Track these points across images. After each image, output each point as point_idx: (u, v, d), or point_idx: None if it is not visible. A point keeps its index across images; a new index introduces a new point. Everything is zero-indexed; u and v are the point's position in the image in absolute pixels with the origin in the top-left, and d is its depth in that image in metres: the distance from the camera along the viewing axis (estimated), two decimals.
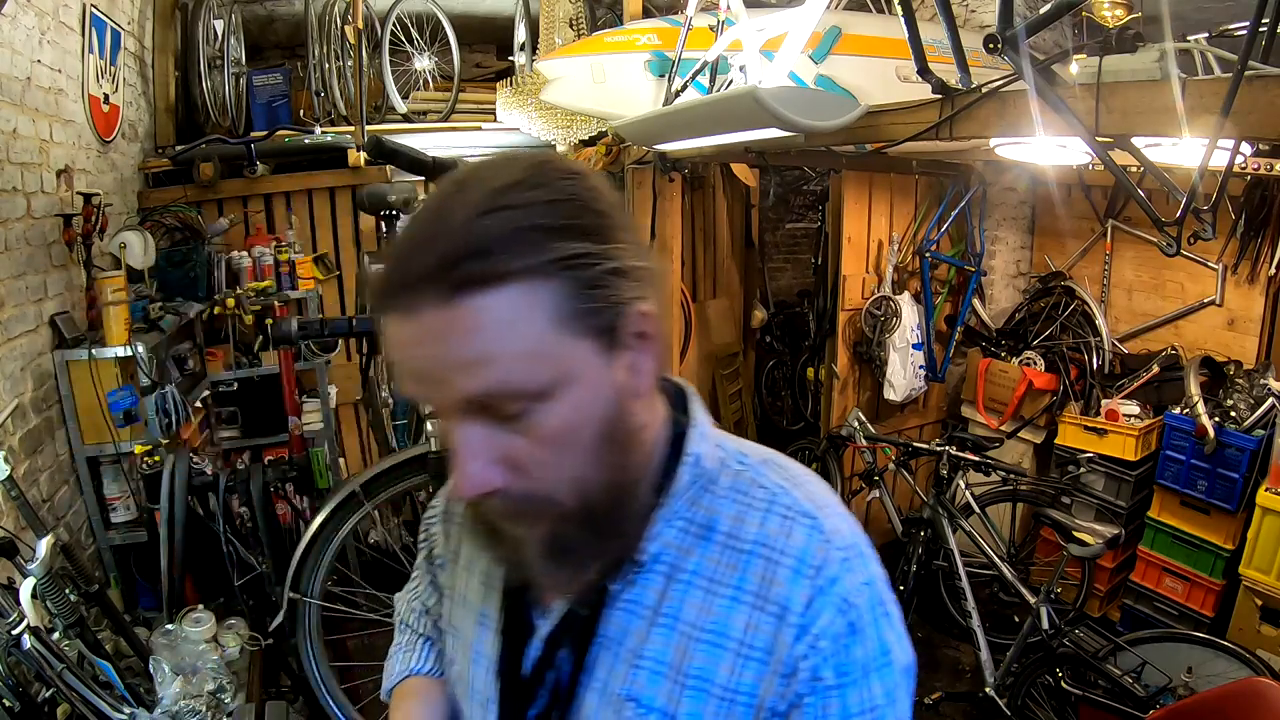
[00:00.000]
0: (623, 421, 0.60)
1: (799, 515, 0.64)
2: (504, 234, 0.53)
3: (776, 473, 0.68)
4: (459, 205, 0.54)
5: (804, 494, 0.66)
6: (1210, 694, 1.71)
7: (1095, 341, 3.78)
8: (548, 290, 0.53)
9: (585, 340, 0.56)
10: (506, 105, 3.53)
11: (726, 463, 0.68)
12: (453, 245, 0.52)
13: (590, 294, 0.55)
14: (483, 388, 0.54)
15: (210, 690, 1.83)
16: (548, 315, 0.54)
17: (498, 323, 0.53)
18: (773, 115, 1.93)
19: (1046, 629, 2.55)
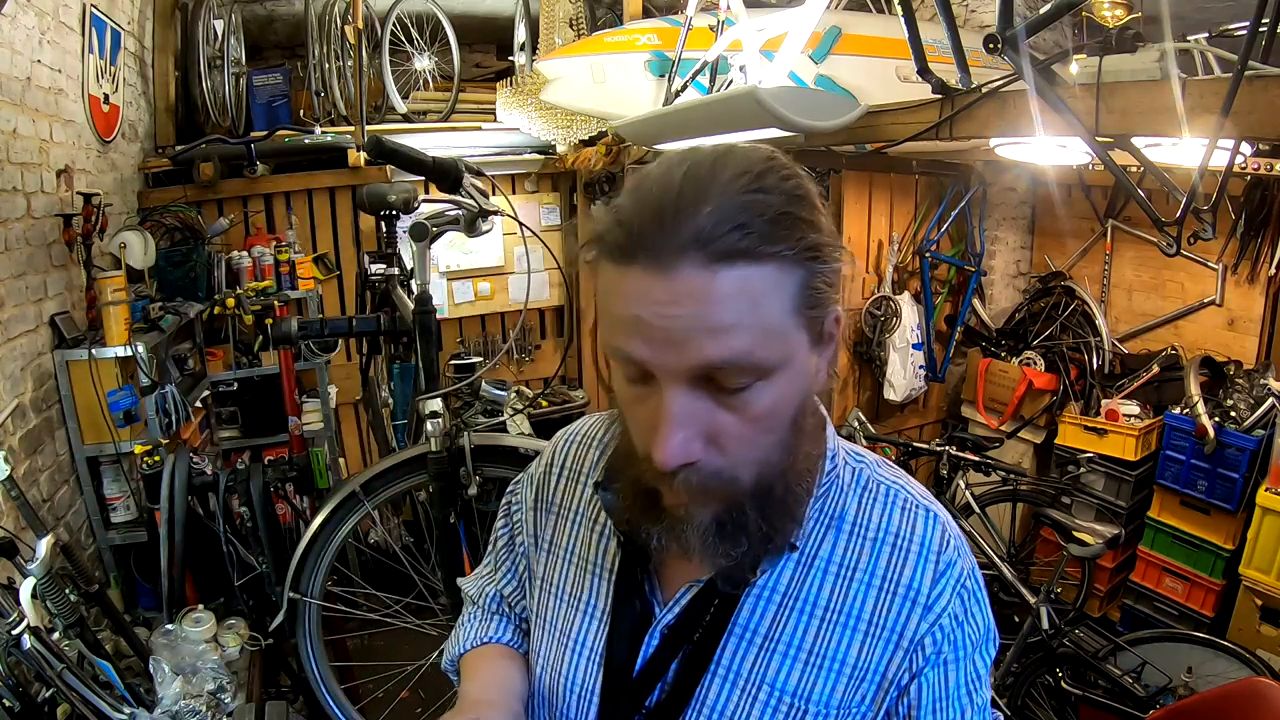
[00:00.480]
0: (809, 410, 0.66)
1: (918, 508, 0.70)
2: (769, 215, 0.55)
3: (888, 471, 0.74)
4: (721, 180, 0.56)
5: (917, 490, 0.73)
6: (1210, 694, 1.71)
7: (1095, 341, 3.78)
8: (794, 276, 0.57)
9: (805, 329, 0.59)
10: (506, 105, 3.53)
11: (849, 460, 0.73)
12: (723, 216, 0.54)
13: (819, 287, 0.59)
14: (726, 355, 0.55)
15: (210, 690, 1.83)
16: (791, 298, 0.57)
17: (753, 295, 0.55)
18: (773, 115, 1.93)
19: (1046, 629, 2.55)
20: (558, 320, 4.51)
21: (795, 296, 0.57)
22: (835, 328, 0.63)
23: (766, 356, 0.57)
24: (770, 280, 0.56)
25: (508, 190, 4.15)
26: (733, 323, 0.55)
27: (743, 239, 0.54)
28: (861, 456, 0.74)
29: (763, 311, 0.56)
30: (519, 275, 4.22)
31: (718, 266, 0.54)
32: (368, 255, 2.68)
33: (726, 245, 0.54)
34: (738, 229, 0.54)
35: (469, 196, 1.89)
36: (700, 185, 0.56)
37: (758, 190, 0.56)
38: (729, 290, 0.54)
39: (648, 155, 3.34)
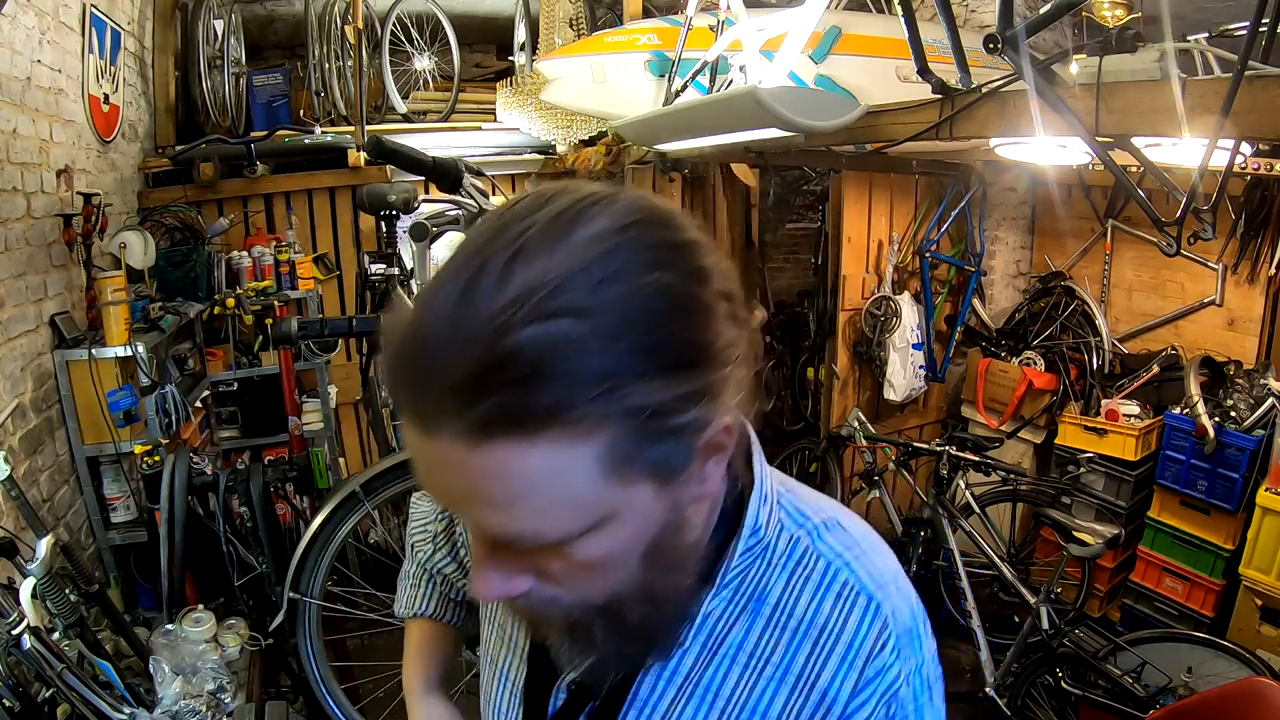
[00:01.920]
0: (676, 537, 0.52)
1: (857, 594, 0.58)
2: (551, 362, 0.40)
3: (838, 538, 0.61)
4: (495, 295, 0.41)
5: (865, 568, 0.59)
6: (1210, 694, 1.71)
7: (1095, 341, 3.78)
8: (599, 439, 0.42)
9: (642, 482, 0.46)
10: (506, 105, 3.53)
11: (785, 525, 0.60)
12: (483, 364, 0.40)
13: (657, 436, 0.44)
14: (507, 534, 0.46)
15: (210, 690, 1.83)
16: (596, 465, 0.43)
17: (531, 474, 0.43)
18: (773, 115, 1.93)
19: (1046, 629, 2.55)
20: None
21: (608, 459, 0.43)
22: (725, 437, 0.50)
23: (565, 530, 0.46)
24: (559, 452, 0.42)
25: (508, 190, 4.12)
26: (506, 501, 0.44)
27: (511, 400, 0.40)
28: (805, 518, 0.61)
29: (553, 488, 0.43)
30: None
31: (478, 439, 0.41)
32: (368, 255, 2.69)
33: (489, 411, 0.40)
34: (506, 386, 0.40)
35: (469, 196, 1.90)
36: (471, 301, 0.41)
37: (551, 315, 0.40)
38: (495, 469, 0.42)
39: (647, 155, 3.34)
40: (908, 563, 3.14)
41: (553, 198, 0.46)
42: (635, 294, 0.42)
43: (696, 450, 0.48)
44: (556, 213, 0.44)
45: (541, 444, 0.41)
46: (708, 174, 4.71)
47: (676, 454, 0.47)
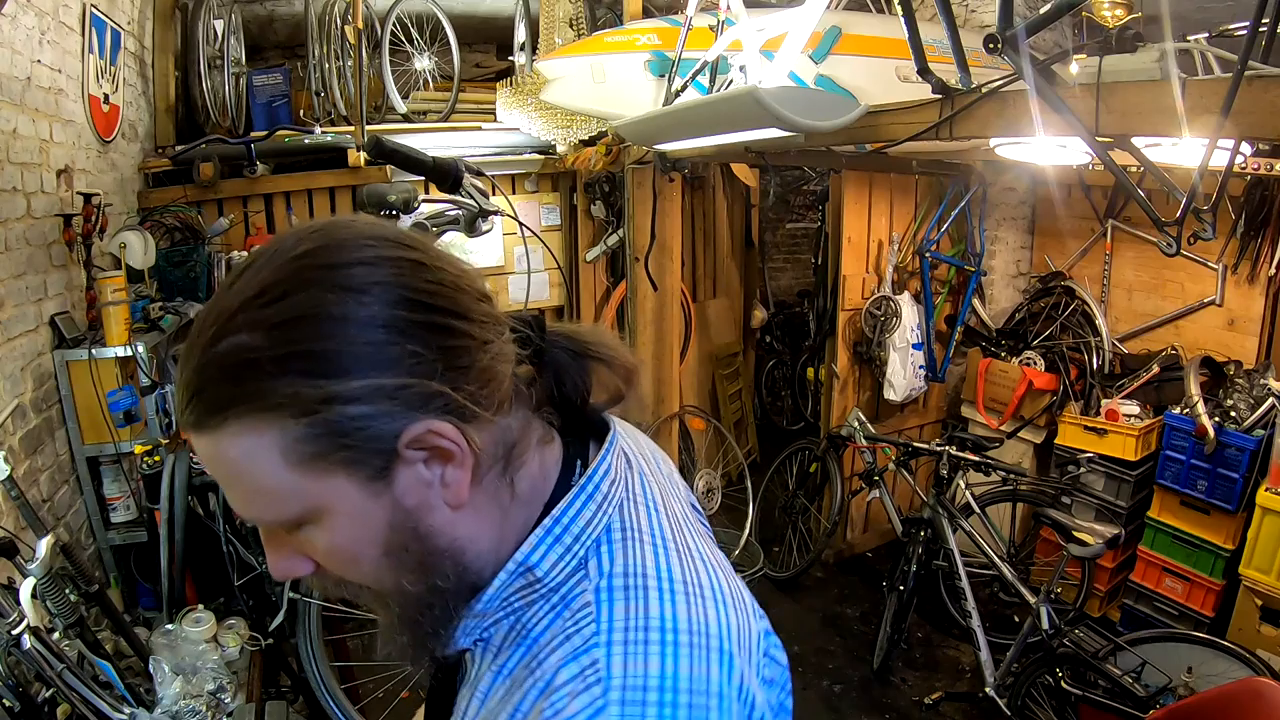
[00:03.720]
0: (416, 541, 0.56)
1: (596, 683, 0.52)
2: (223, 370, 0.50)
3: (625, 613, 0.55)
4: (209, 321, 0.52)
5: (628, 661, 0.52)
6: (1210, 694, 1.71)
7: (1095, 341, 3.78)
8: (272, 431, 0.50)
9: (336, 475, 0.52)
10: (506, 105, 3.53)
11: (588, 574, 0.58)
12: (190, 375, 0.52)
13: (325, 434, 0.51)
14: (241, 512, 0.55)
15: (210, 690, 1.83)
16: (278, 455, 0.51)
17: (231, 459, 0.52)
18: (773, 115, 1.93)
19: (1046, 629, 2.55)
20: (557, 320, 4.51)
21: (289, 449, 0.51)
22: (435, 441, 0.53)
23: (276, 514, 0.54)
24: (241, 442, 0.51)
25: (508, 190, 4.15)
26: (228, 483, 0.54)
27: (202, 401, 0.51)
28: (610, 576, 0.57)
29: (250, 473, 0.52)
30: (519, 275, 4.22)
31: (195, 433, 0.52)
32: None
33: (194, 410, 0.52)
34: (199, 391, 0.51)
35: (469, 196, 1.90)
36: (195, 332, 0.52)
37: (228, 334, 0.50)
38: (210, 454, 0.53)
39: (647, 155, 3.34)
40: (908, 563, 3.14)
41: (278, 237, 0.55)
42: (296, 308, 0.50)
43: (397, 451, 0.53)
44: (260, 250, 0.54)
45: (228, 434, 0.51)
46: (708, 174, 4.72)
47: (365, 451, 0.52)
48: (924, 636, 3.57)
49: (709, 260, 4.94)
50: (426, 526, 0.56)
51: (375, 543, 0.56)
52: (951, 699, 3.10)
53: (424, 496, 0.55)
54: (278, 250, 0.53)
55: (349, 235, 0.54)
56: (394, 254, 0.54)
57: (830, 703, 3.17)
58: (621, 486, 0.64)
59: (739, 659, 0.56)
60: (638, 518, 0.62)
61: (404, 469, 0.54)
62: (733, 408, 5.05)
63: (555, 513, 0.60)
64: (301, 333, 0.50)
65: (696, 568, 0.61)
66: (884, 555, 4.25)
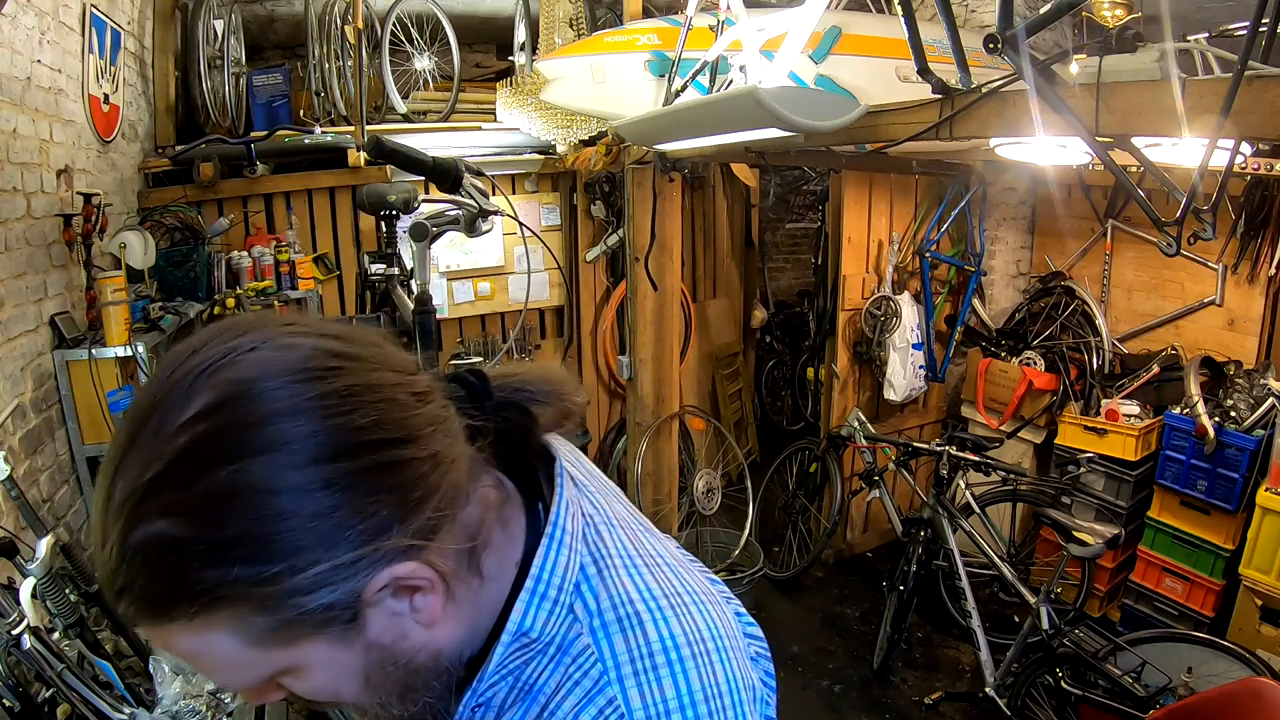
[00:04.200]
0: (396, 667, 0.55)
1: (616, 719, 0.53)
2: (149, 567, 0.45)
3: (627, 643, 0.56)
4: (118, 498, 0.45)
5: (642, 689, 0.54)
6: (1210, 694, 1.71)
7: (1095, 341, 3.78)
8: (226, 624, 0.47)
9: (302, 641, 0.50)
10: (506, 105, 3.53)
11: (577, 617, 0.57)
12: (111, 572, 0.46)
13: (282, 616, 0.47)
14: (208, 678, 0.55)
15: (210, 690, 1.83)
16: (237, 641, 0.48)
17: (184, 650, 0.49)
18: (773, 115, 1.93)
19: (1046, 629, 2.55)
20: (558, 320, 4.51)
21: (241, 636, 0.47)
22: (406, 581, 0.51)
23: (248, 683, 0.52)
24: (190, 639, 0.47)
25: (508, 190, 4.15)
26: (188, 661, 0.51)
27: (131, 605, 0.46)
28: (600, 612, 0.57)
29: (207, 659, 0.49)
30: (519, 275, 4.22)
31: (137, 623, 0.48)
32: (368, 255, 2.68)
33: (127, 610, 0.47)
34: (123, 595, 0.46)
35: (469, 196, 1.90)
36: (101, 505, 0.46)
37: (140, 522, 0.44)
38: (159, 642, 0.49)
39: (647, 155, 3.34)
40: (908, 562, 3.14)
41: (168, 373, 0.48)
42: (216, 489, 0.44)
43: (363, 602, 0.49)
44: (155, 392, 0.47)
45: (176, 630, 0.47)
46: (708, 174, 4.72)
47: (324, 618, 0.48)
48: (924, 636, 3.57)
49: (709, 260, 4.94)
50: (405, 652, 0.55)
51: (353, 678, 0.54)
52: (951, 699, 3.10)
53: (399, 627, 0.53)
54: (174, 401, 0.46)
55: (256, 375, 0.47)
56: (315, 390, 0.47)
57: (830, 703, 3.17)
58: (580, 517, 0.63)
59: (734, 653, 0.58)
60: (603, 543, 0.62)
61: (373, 612, 0.51)
62: (733, 408, 5.05)
63: (534, 572, 0.58)
64: (232, 517, 0.44)
65: (668, 575, 0.61)
66: (884, 555, 4.25)
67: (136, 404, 0.48)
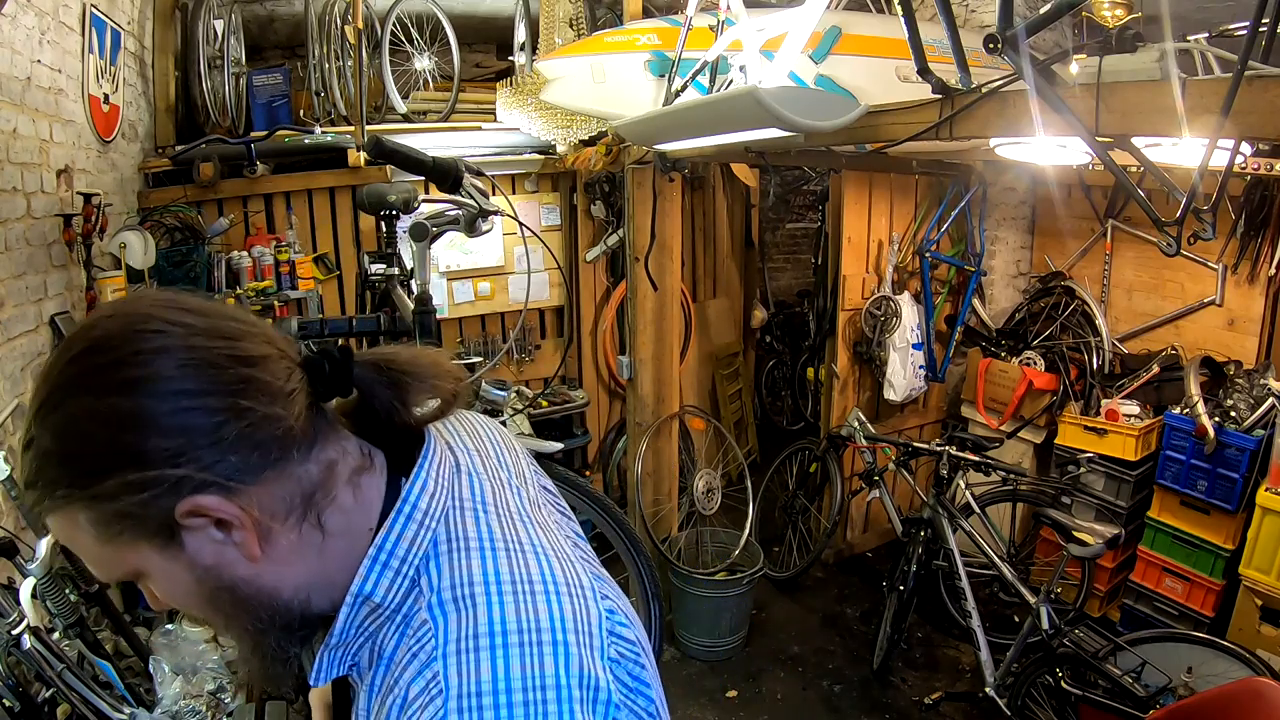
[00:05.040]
0: (228, 591, 0.62)
1: (438, 693, 0.55)
2: (32, 472, 0.58)
3: (458, 624, 0.58)
4: (29, 415, 0.59)
5: (463, 671, 0.56)
6: (1210, 694, 1.71)
7: (1095, 341, 3.78)
8: (74, 517, 0.58)
9: (137, 545, 0.59)
10: (506, 105, 3.53)
11: (422, 591, 0.61)
12: (21, 471, 0.60)
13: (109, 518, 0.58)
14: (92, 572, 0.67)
15: (210, 690, 1.83)
16: (89, 532, 0.59)
17: (63, 535, 0.61)
18: (773, 115, 1.93)
19: (1046, 629, 2.55)
20: (558, 320, 4.51)
21: (96, 527, 0.59)
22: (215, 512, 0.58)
23: (110, 575, 0.63)
24: (62, 524, 0.60)
25: (508, 190, 4.15)
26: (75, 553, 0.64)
27: (28, 494, 0.60)
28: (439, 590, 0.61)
29: (77, 545, 0.61)
30: (519, 275, 4.22)
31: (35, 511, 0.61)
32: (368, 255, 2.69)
33: (30, 502, 0.60)
34: (27, 489, 0.59)
35: (469, 196, 1.90)
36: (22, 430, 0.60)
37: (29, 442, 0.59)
38: (51, 530, 0.62)
39: (647, 155, 3.34)
40: (908, 562, 3.14)
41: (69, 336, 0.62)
42: (67, 417, 0.57)
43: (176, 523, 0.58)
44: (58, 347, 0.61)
45: (51, 518, 0.60)
46: (708, 174, 4.72)
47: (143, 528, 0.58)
48: (924, 636, 3.57)
49: (709, 260, 4.94)
50: (231, 578, 0.62)
51: (191, 594, 0.63)
52: (951, 699, 3.10)
53: (220, 554, 0.61)
54: (59, 355, 0.60)
55: (113, 330, 0.59)
56: (151, 345, 0.58)
57: (830, 703, 3.17)
58: (446, 496, 0.67)
59: (576, 648, 0.59)
60: (463, 525, 0.65)
61: (191, 535, 0.60)
62: (733, 408, 5.05)
63: (378, 540, 0.64)
64: (71, 439, 0.57)
65: (527, 564, 0.64)
66: (884, 555, 4.25)
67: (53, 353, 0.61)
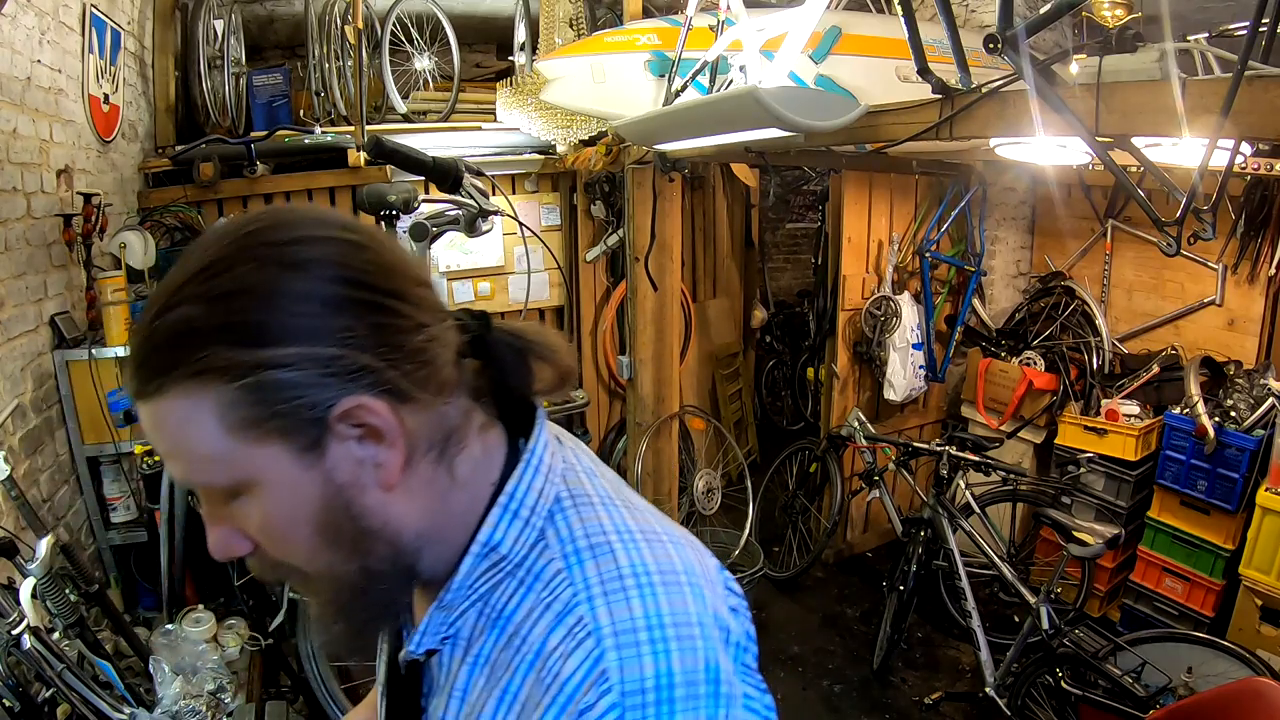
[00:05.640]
0: (350, 520, 0.57)
1: (585, 635, 0.54)
2: (165, 340, 0.53)
3: (598, 568, 0.57)
4: (158, 297, 0.54)
5: (611, 608, 0.55)
6: (1210, 694, 1.71)
7: (1095, 341, 3.78)
8: (208, 396, 0.52)
9: (270, 444, 0.54)
10: (506, 105, 3.53)
11: (549, 544, 0.60)
12: (137, 346, 0.55)
13: (260, 399, 0.52)
14: (179, 479, 0.57)
15: (210, 690, 1.83)
16: (214, 420, 0.53)
17: (170, 424, 0.54)
18: (773, 115, 1.93)
19: (1046, 629, 2.55)
20: (558, 320, 4.51)
21: (224, 416, 0.52)
22: (365, 418, 0.54)
23: (212, 480, 0.56)
24: (181, 408, 0.53)
25: (508, 190, 4.15)
26: (167, 452, 0.56)
27: (146, 370, 0.54)
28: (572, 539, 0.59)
29: (189, 438, 0.54)
30: (519, 275, 4.22)
31: (139, 401, 0.55)
32: None
33: (139, 379, 0.54)
34: (143, 362, 0.54)
35: (469, 196, 1.90)
36: (150, 301, 0.55)
37: (173, 306, 0.53)
38: (152, 422, 0.55)
39: (647, 155, 3.34)
40: (908, 562, 3.14)
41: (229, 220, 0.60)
42: (234, 282, 0.52)
43: (329, 423, 0.54)
44: (210, 230, 0.58)
45: (166, 400, 0.53)
46: (708, 174, 4.72)
47: (295, 420, 0.53)
48: (924, 636, 3.57)
49: (709, 260, 4.94)
50: (359, 506, 0.57)
51: (308, 519, 0.56)
52: (951, 699, 3.10)
53: (356, 474, 0.56)
54: (224, 231, 0.56)
55: (294, 218, 0.57)
56: (334, 235, 0.56)
57: (830, 703, 3.17)
58: (559, 458, 0.66)
59: (707, 590, 0.59)
60: (580, 484, 0.65)
61: (336, 443, 0.55)
62: (733, 408, 5.05)
63: (508, 489, 0.62)
64: (240, 304, 0.52)
65: (647, 519, 0.63)
66: (884, 555, 4.24)
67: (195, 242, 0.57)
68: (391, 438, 0.56)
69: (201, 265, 0.53)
